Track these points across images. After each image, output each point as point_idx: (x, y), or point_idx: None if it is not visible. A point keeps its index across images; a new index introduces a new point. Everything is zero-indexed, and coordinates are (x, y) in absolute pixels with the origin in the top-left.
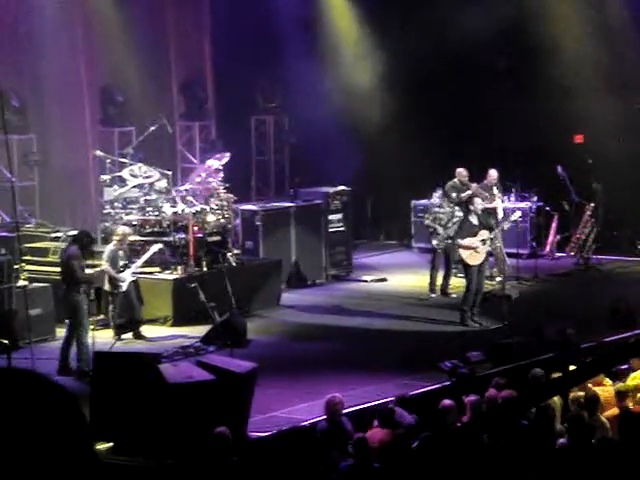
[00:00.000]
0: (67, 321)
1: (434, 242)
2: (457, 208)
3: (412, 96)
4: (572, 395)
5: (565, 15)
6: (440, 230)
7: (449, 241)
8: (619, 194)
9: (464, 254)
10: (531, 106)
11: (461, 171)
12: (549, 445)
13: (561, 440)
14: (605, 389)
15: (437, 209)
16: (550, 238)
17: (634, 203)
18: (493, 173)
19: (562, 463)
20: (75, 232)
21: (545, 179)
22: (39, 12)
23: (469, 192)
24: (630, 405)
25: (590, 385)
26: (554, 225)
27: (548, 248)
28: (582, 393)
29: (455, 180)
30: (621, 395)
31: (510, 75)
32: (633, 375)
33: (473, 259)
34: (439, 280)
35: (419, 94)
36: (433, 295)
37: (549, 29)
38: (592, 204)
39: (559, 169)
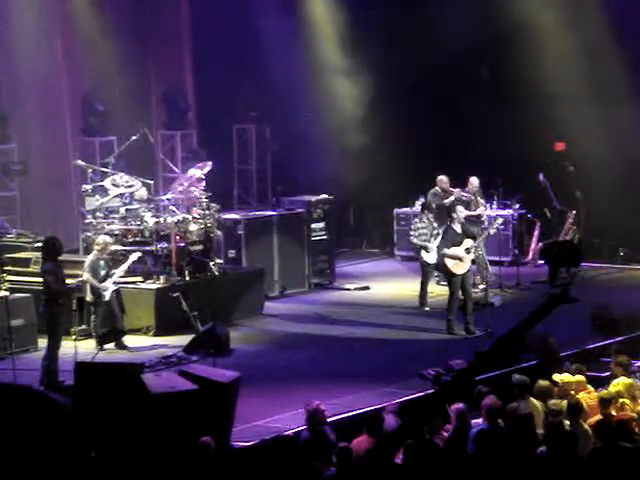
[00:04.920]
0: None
1: (425, 258)
2: (435, 222)
3: (394, 104)
4: (550, 402)
5: (547, 23)
6: (431, 246)
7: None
8: (601, 201)
9: (449, 263)
10: (513, 114)
11: (442, 178)
12: (530, 453)
13: (541, 448)
14: (587, 396)
15: (419, 225)
16: (532, 245)
17: (615, 210)
18: (474, 181)
19: (543, 471)
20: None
21: (527, 186)
22: (19, 22)
23: (452, 197)
24: (613, 412)
25: (572, 392)
26: (536, 232)
27: (530, 255)
28: (557, 401)
29: (436, 188)
30: (605, 402)
31: (492, 83)
32: (615, 382)
33: (458, 268)
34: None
35: (401, 102)
36: (427, 309)
37: (531, 37)
38: (574, 211)
39: (541, 176)
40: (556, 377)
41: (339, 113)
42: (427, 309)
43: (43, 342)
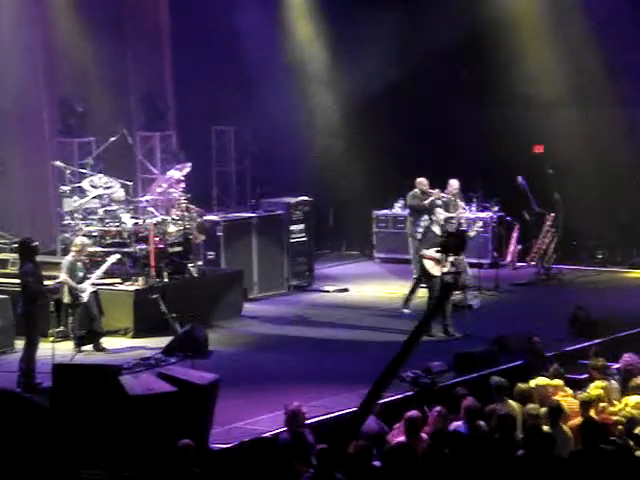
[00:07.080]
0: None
1: None
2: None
3: (374, 107)
4: (528, 407)
5: (527, 26)
6: None
7: None
8: (579, 203)
9: (428, 265)
10: (492, 116)
11: (421, 180)
12: (509, 455)
13: (520, 451)
14: (570, 399)
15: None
16: (511, 248)
17: (594, 213)
18: (454, 183)
19: (521, 473)
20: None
21: (506, 189)
22: None
23: (431, 198)
24: (593, 415)
25: (551, 395)
26: (515, 235)
27: (509, 258)
28: (535, 406)
29: (416, 190)
30: (586, 405)
31: (471, 86)
32: (594, 385)
33: (436, 270)
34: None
35: (381, 105)
36: (407, 311)
37: (510, 40)
38: (552, 214)
39: (519, 179)
40: (532, 383)
41: (319, 115)
42: (407, 311)
43: (20, 344)
